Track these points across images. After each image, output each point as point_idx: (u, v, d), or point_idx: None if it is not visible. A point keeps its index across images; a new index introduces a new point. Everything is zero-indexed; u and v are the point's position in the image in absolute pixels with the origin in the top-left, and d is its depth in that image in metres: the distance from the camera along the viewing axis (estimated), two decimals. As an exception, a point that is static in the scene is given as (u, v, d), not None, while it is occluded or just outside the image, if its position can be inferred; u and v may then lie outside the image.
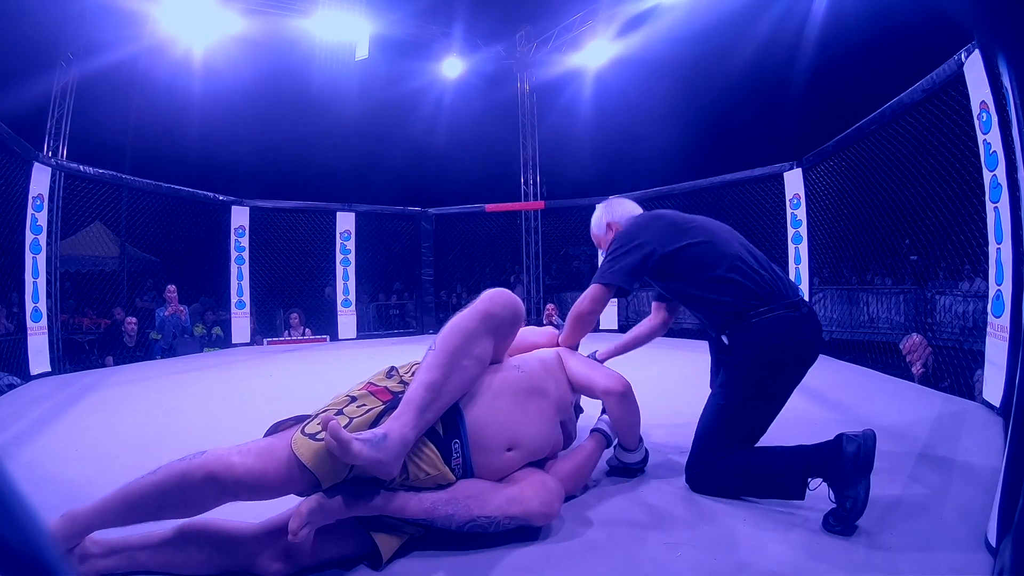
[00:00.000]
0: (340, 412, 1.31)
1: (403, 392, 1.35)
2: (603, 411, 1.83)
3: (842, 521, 1.37)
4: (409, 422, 1.26)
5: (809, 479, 1.48)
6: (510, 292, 1.50)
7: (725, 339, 1.75)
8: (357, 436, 1.16)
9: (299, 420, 1.32)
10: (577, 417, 2.01)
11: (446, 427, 1.37)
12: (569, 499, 1.61)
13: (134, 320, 5.95)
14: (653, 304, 2.18)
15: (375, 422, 1.29)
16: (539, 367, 1.64)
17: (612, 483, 1.78)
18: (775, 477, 1.55)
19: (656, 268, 1.79)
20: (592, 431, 1.80)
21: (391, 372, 1.49)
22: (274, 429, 1.32)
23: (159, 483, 1.14)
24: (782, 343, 1.64)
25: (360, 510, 1.25)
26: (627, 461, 1.81)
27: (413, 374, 1.39)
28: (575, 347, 1.92)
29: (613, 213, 2.06)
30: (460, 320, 1.42)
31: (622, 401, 1.67)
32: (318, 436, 1.19)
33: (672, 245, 1.77)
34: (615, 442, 1.80)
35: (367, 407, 1.33)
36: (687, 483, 1.70)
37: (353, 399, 1.37)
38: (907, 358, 3.90)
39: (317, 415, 1.30)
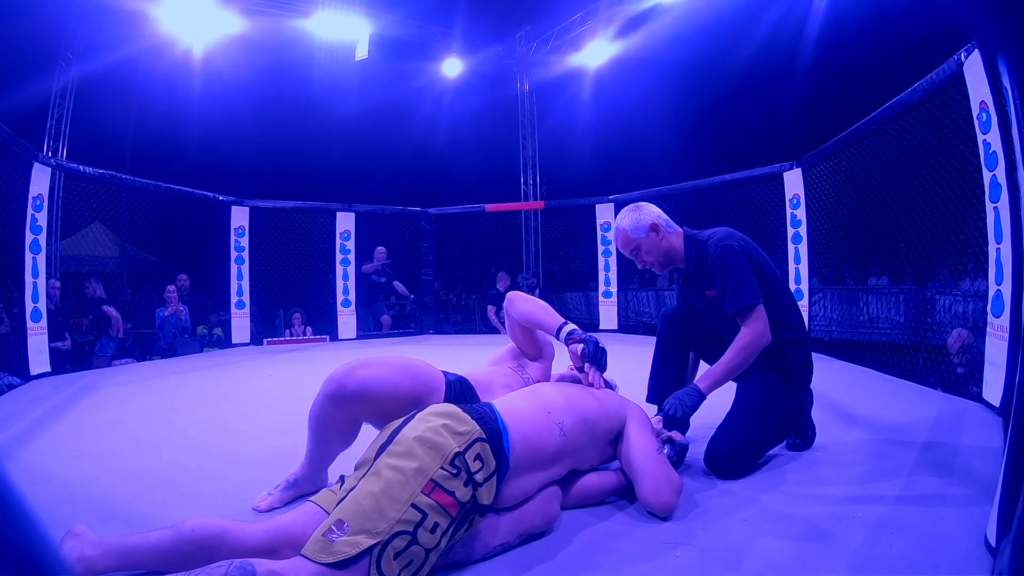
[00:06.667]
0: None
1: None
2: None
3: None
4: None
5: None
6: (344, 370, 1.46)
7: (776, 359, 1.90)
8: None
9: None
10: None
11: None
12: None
13: (116, 314, 5.81)
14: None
15: None
16: (592, 434, 1.55)
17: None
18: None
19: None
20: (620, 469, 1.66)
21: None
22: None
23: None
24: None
25: None
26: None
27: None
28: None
29: (651, 214, 1.98)
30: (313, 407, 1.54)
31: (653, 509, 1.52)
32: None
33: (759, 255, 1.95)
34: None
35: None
36: (725, 474, 1.78)
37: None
38: (954, 359, 3.64)
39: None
